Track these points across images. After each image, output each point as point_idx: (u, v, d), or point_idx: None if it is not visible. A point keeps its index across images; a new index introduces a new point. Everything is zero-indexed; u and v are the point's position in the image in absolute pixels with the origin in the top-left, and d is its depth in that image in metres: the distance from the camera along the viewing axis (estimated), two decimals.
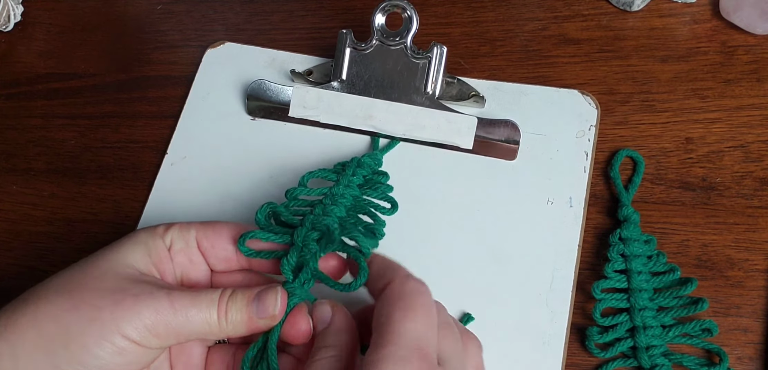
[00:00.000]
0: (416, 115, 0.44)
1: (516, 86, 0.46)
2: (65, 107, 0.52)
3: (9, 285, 0.46)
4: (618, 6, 0.48)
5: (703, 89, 0.44)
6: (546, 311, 0.39)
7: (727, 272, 0.39)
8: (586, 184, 0.42)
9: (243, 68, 0.50)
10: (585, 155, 0.43)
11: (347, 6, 0.52)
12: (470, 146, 0.44)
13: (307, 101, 0.46)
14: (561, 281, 0.40)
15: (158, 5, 0.56)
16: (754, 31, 0.45)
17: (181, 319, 0.31)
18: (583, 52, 0.47)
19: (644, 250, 0.39)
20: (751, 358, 0.37)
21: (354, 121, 0.45)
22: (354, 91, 0.45)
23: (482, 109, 0.45)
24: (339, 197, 0.38)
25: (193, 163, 0.47)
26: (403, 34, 0.44)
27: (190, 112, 0.49)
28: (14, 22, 0.56)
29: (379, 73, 0.45)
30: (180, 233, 0.35)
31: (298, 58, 0.50)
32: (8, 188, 0.50)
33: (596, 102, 0.44)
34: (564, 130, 0.44)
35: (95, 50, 0.55)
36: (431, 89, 0.44)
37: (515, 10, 0.50)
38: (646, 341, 0.37)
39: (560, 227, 0.41)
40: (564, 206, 0.42)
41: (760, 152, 0.42)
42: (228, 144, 0.47)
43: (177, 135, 0.48)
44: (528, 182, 0.43)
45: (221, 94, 0.49)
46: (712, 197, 0.41)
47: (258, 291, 0.33)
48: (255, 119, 0.48)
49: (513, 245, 0.41)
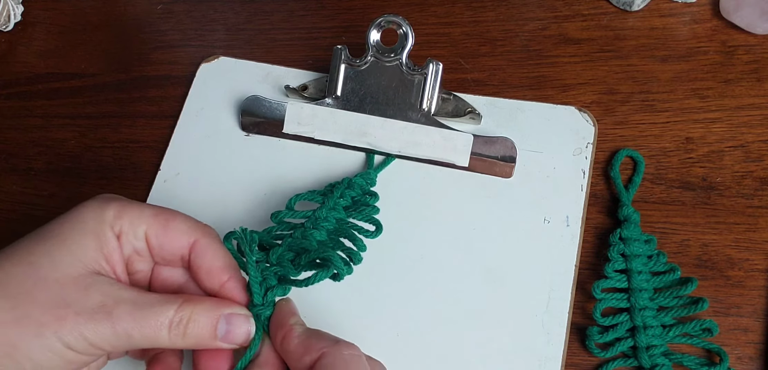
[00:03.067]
0: (412, 132, 0.44)
1: (512, 102, 0.46)
2: (65, 107, 0.52)
3: None
4: (618, 6, 0.48)
5: (703, 89, 0.44)
6: (542, 333, 0.39)
7: (728, 271, 0.39)
8: (583, 203, 0.42)
9: (237, 83, 0.49)
10: (582, 173, 0.42)
11: (348, 6, 0.52)
12: (466, 164, 0.43)
13: (301, 117, 0.45)
14: (557, 302, 0.39)
15: (158, 5, 0.56)
16: (754, 31, 0.45)
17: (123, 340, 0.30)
18: (584, 52, 0.47)
19: (644, 249, 0.39)
20: (751, 358, 0.37)
21: (349, 138, 0.45)
22: (349, 108, 0.45)
23: (478, 126, 0.45)
24: (321, 220, 0.38)
25: (187, 180, 0.46)
26: (398, 51, 0.44)
27: (183, 128, 0.48)
28: (14, 22, 0.56)
29: (375, 89, 0.45)
30: (130, 227, 0.33)
31: (293, 73, 0.49)
32: (8, 188, 0.50)
33: (593, 119, 0.44)
34: (561, 147, 0.43)
35: (95, 50, 0.55)
36: (427, 106, 0.44)
37: (515, 10, 0.50)
38: (646, 341, 0.37)
39: (557, 247, 0.41)
40: (561, 225, 0.41)
41: (760, 152, 0.42)
42: (222, 160, 0.47)
43: (170, 151, 0.48)
44: (524, 200, 0.42)
45: (215, 110, 0.48)
46: (712, 197, 0.41)
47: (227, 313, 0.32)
48: (249, 135, 0.47)
49: (509, 264, 0.41)
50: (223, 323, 0.32)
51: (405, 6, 0.51)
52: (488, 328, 0.39)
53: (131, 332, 0.30)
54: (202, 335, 0.31)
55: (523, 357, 0.38)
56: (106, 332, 0.30)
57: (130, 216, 0.33)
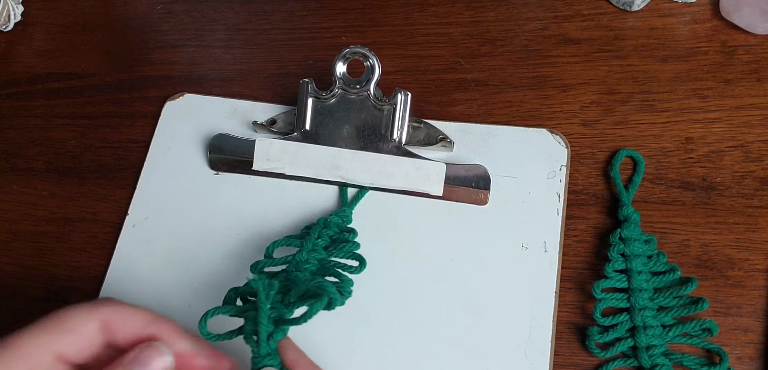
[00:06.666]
0: (383, 163, 0.43)
1: (484, 128, 0.45)
2: (65, 107, 0.52)
3: (9, 285, 0.46)
4: (618, 6, 0.48)
5: (703, 89, 0.44)
6: (525, 362, 0.38)
7: (728, 271, 0.39)
8: (560, 227, 0.41)
9: (204, 120, 0.48)
10: (557, 197, 0.42)
11: (348, 6, 0.52)
12: (440, 193, 0.43)
13: (271, 153, 0.44)
14: (539, 330, 0.39)
15: (158, 5, 0.56)
16: (754, 31, 0.45)
17: None
18: (583, 51, 0.47)
19: (644, 250, 0.39)
20: (751, 358, 0.37)
21: (320, 172, 0.44)
22: (319, 141, 0.44)
23: (451, 153, 0.44)
24: (303, 263, 0.38)
25: (156, 224, 0.45)
26: (364, 83, 0.43)
27: (150, 170, 0.47)
28: (14, 22, 0.56)
29: (344, 121, 0.44)
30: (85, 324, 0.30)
31: (260, 106, 0.48)
32: (8, 188, 0.50)
33: (566, 141, 0.44)
34: (535, 171, 0.43)
35: (95, 50, 0.55)
36: (397, 136, 0.43)
37: (515, 10, 0.50)
38: (646, 341, 0.37)
39: (536, 274, 0.40)
40: (538, 251, 0.41)
41: (760, 152, 0.42)
42: (191, 201, 0.45)
43: (138, 195, 0.46)
44: (501, 228, 0.42)
45: (182, 149, 0.47)
46: (712, 197, 0.41)
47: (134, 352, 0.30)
48: (219, 173, 0.46)
49: (488, 294, 0.40)
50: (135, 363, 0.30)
51: (405, 6, 0.51)
52: (471, 360, 0.39)
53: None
54: None
55: None
56: None
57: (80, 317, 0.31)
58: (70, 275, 0.46)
